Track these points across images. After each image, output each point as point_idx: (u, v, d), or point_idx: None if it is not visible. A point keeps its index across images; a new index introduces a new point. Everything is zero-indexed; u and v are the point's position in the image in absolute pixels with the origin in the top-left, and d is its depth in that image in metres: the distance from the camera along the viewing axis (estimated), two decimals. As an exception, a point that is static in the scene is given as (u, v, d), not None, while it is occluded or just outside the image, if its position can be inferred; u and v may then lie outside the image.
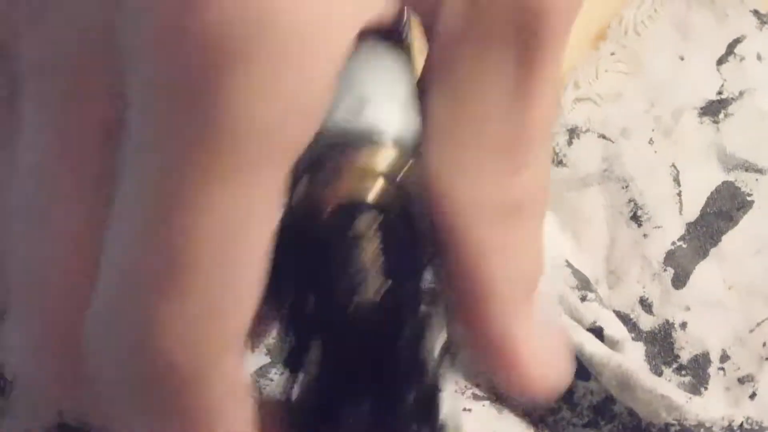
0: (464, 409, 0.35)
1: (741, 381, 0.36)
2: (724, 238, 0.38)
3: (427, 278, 0.25)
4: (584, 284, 0.36)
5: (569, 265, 0.37)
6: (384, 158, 0.24)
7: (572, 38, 0.41)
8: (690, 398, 0.34)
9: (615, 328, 0.36)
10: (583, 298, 0.36)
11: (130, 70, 0.19)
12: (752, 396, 0.36)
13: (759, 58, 0.41)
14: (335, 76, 0.20)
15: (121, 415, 0.20)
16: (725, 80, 0.41)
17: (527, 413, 0.35)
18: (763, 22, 0.41)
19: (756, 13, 0.42)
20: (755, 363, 0.36)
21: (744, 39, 0.41)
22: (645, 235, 0.38)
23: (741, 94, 0.40)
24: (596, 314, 0.36)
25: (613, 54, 0.41)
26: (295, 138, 0.19)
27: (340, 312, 0.25)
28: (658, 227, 0.38)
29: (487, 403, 0.35)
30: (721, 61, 0.41)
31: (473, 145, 0.21)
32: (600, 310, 0.36)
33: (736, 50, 0.41)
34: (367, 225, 0.25)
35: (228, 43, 0.18)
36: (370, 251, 0.26)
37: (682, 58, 0.41)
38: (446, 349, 0.27)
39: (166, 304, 0.19)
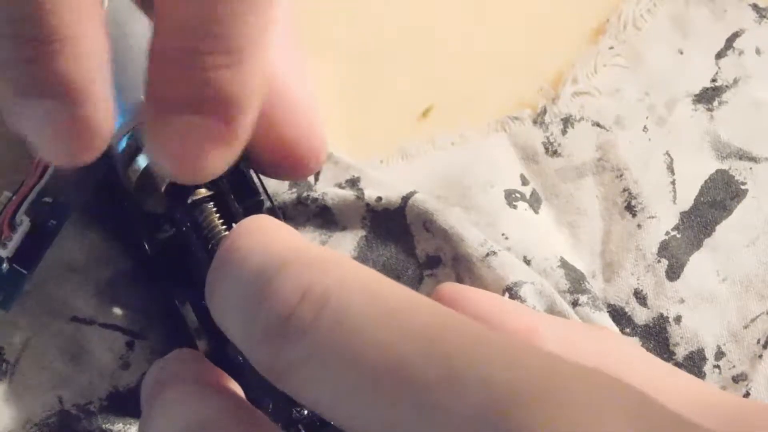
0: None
1: (735, 380, 0.36)
2: (718, 228, 0.38)
3: None
4: (577, 285, 0.36)
5: (563, 264, 0.37)
6: None
7: (571, 33, 0.42)
8: None
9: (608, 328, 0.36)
10: (575, 303, 0.36)
11: None
12: (746, 395, 0.35)
13: (758, 51, 0.41)
14: None
15: None
16: (719, 68, 0.41)
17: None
18: (762, 16, 0.41)
19: (755, 7, 0.42)
20: (749, 361, 0.36)
21: (743, 33, 0.41)
22: (639, 226, 0.38)
23: (735, 81, 0.40)
24: (588, 319, 0.35)
25: (611, 48, 0.41)
26: None
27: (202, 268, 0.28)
28: (652, 217, 0.38)
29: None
30: (720, 55, 0.41)
31: None
32: (592, 314, 0.36)
33: (735, 44, 0.41)
34: (202, 192, 0.29)
35: None
36: (208, 211, 0.29)
37: (681, 52, 0.41)
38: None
39: None
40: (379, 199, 0.37)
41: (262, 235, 0.25)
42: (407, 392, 0.20)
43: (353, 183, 0.37)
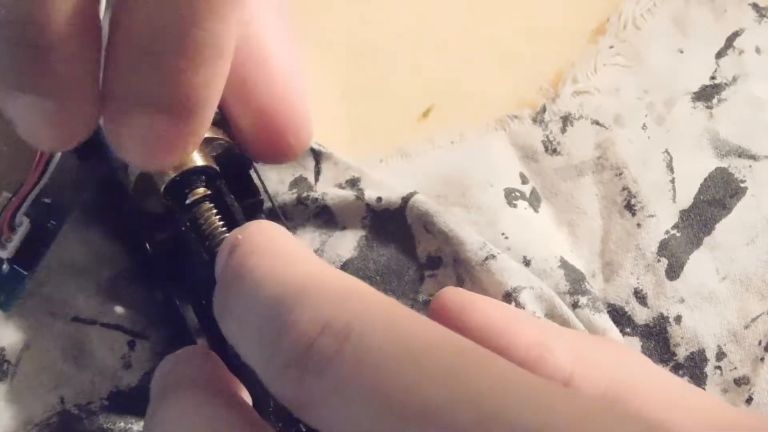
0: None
1: (737, 383, 0.36)
2: (718, 226, 0.38)
3: None
4: (577, 286, 0.36)
5: (563, 264, 0.36)
6: None
7: (571, 33, 0.42)
8: None
9: (608, 330, 0.35)
10: (575, 304, 0.36)
11: None
12: (748, 400, 0.35)
13: (758, 51, 0.41)
14: None
15: None
16: (719, 67, 0.41)
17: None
18: (762, 16, 0.41)
19: (755, 6, 0.42)
20: (750, 363, 0.36)
21: (743, 32, 0.41)
22: (639, 225, 0.38)
23: (734, 79, 0.40)
24: (588, 321, 0.35)
25: (611, 47, 0.41)
26: None
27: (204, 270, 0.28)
28: (652, 216, 0.38)
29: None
30: (720, 55, 0.41)
31: None
32: (592, 316, 0.35)
33: (735, 43, 0.41)
34: (200, 191, 0.29)
35: None
36: (206, 210, 0.29)
37: (681, 52, 0.41)
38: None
39: None
40: (379, 199, 0.37)
41: (273, 255, 0.24)
42: None
43: (353, 183, 0.37)
